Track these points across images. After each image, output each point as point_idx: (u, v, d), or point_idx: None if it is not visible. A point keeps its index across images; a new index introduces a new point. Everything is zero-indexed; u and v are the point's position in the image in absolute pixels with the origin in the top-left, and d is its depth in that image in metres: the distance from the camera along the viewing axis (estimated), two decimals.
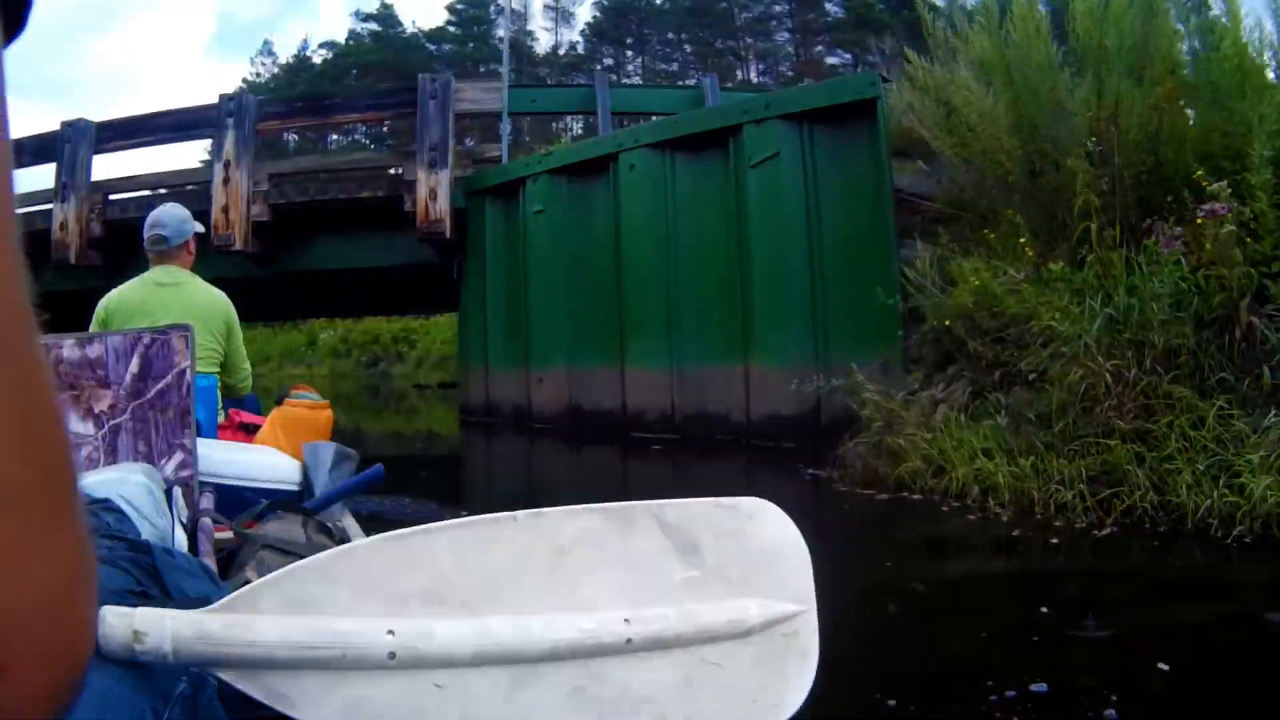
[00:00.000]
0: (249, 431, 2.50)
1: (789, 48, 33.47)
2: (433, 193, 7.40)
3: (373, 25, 40.40)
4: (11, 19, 0.23)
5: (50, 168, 8.53)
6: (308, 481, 2.03)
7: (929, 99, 5.61)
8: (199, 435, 1.85)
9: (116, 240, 8.27)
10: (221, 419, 2.57)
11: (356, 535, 1.83)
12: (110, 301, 2.53)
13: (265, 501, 1.75)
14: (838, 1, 32.16)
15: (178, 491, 1.65)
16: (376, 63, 33.99)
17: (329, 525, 1.78)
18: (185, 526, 1.54)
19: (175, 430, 1.75)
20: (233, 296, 2.74)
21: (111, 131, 8.81)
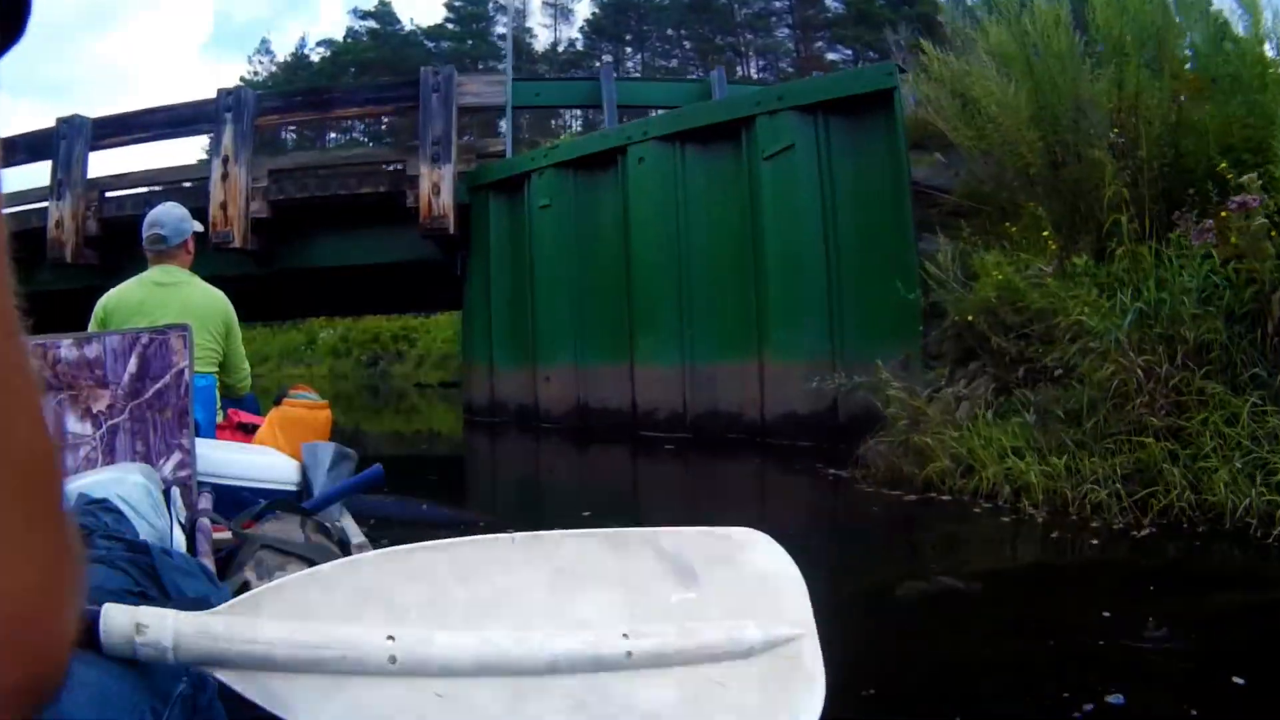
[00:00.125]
0: (248, 431, 2.49)
1: (789, 44, 33.37)
2: (436, 188, 7.26)
3: (371, 23, 40.30)
4: (8, 30, 0.24)
5: (46, 165, 8.39)
6: (306, 482, 2.02)
7: (945, 90, 5.51)
8: (197, 435, 1.85)
9: (113, 238, 8.13)
10: (220, 419, 2.56)
11: (355, 536, 1.83)
12: (109, 301, 2.52)
13: (264, 502, 1.74)
14: None
15: (176, 492, 1.66)
16: (375, 60, 33.84)
17: (327, 525, 1.76)
18: (183, 527, 1.54)
19: (173, 430, 1.76)
20: (231, 295, 2.72)
21: (108, 128, 8.66)
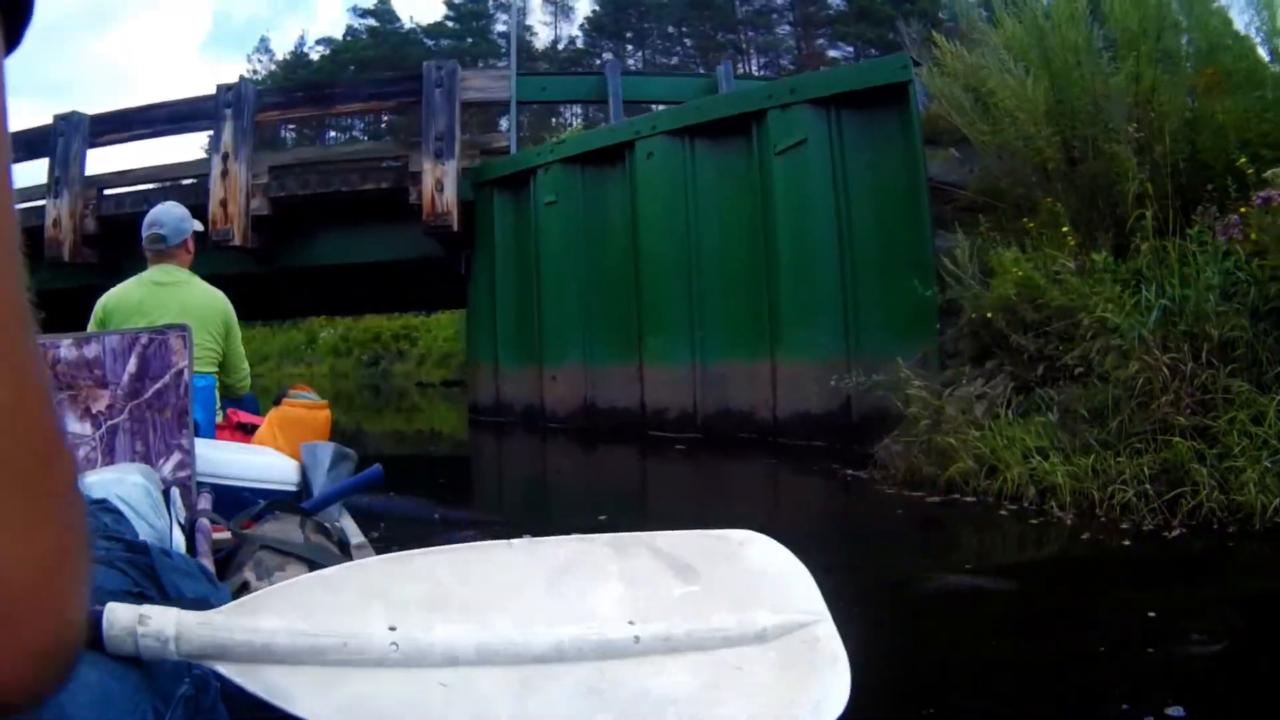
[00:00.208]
0: (247, 431, 2.48)
1: (790, 41, 33.25)
2: (439, 184, 7.15)
3: (370, 21, 40.17)
4: (11, 31, 0.24)
5: (43, 163, 8.28)
6: (306, 482, 2.02)
7: (958, 85, 5.43)
8: (197, 435, 1.85)
9: (111, 237, 8.03)
10: (219, 419, 2.56)
11: (355, 536, 1.82)
12: (108, 301, 2.52)
13: (263, 502, 1.73)
14: None
15: (175, 492, 1.65)
16: (374, 59, 33.67)
17: (327, 526, 1.75)
18: (183, 527, 1.54)
19: (173, 430, 1.76)
20: (231, 294, 2.70)
21: (106, 125, 8.55)
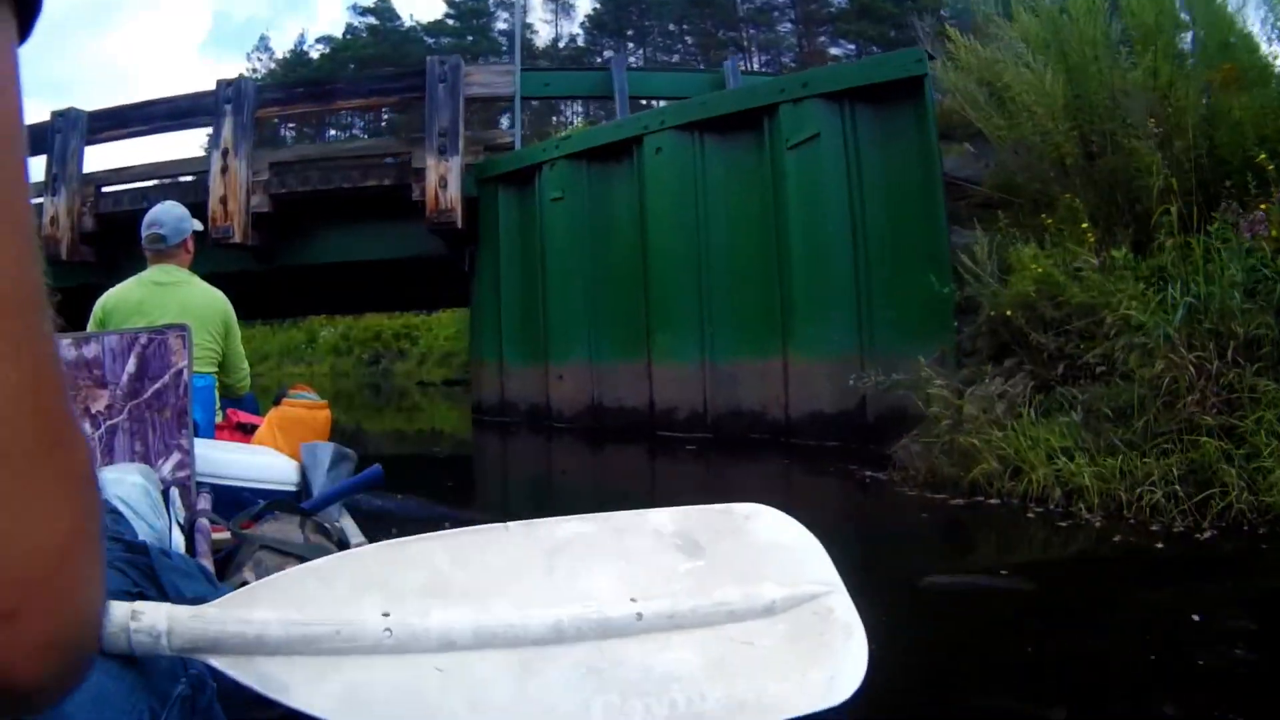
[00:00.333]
0: (247, 432, 2.48)
1: (792, 39, 33.12)
2: (443, 180, 7.04)
3: (370, 19, 40.05)
4: (22, 21, 0.25)
5: (40, 160, 8.18)
6: (305, 482, 2.01)
7: (972, 79, 5.34)
8: (196, 435, 1.85)
9: (110, 234, 7.92)
10: (219, 419, 2.56)
11: (355, 536, 1.79)
12: (107, 301, 2.51)
13: (263, 502, 1.72)
14: None
15: (175, 492, 1.65)
16: (374, 57, 33.53)
17: (326, 526, 1.74)
18: (182, 527, 1.53)
19: (172, 430, 1.75)
20: (231, 292, 2.69)
21: (104, 121, 8.44)
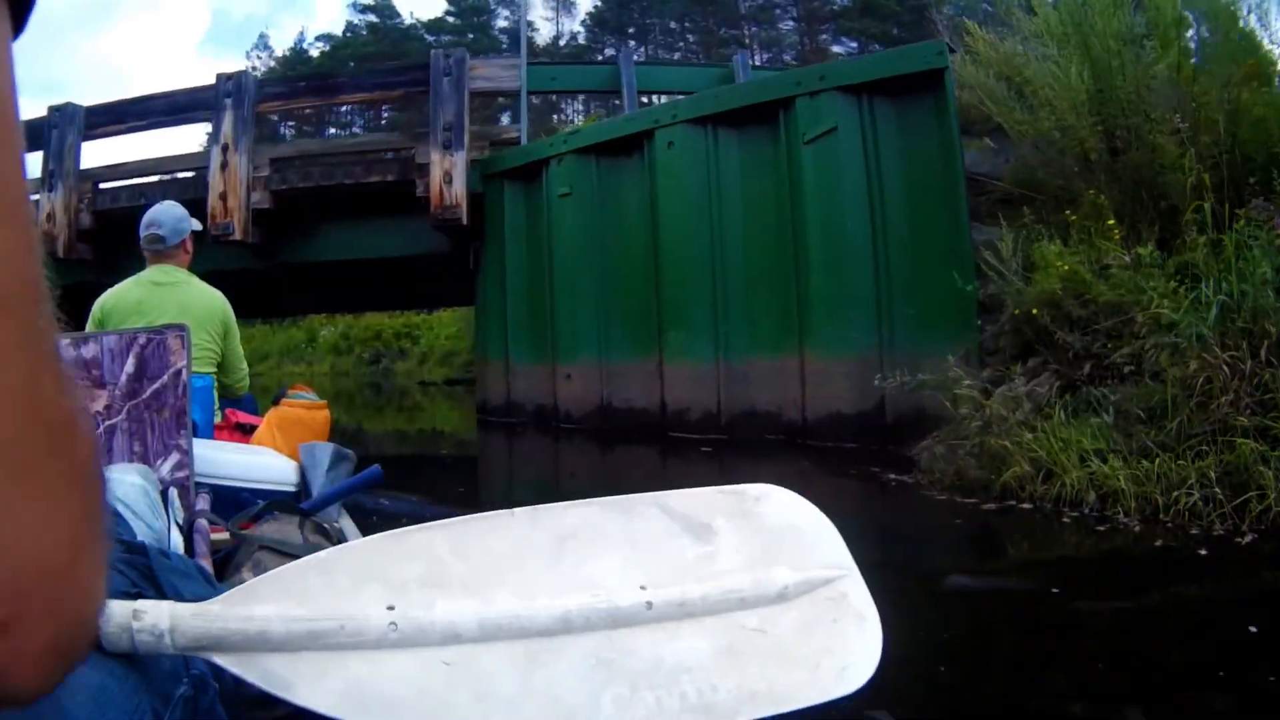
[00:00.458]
0: (246, 432, 2.48)
1: (794, 36, 33.00)
2: (448, 176, 6.91)
3: (370, 17, 39.96)
4: (15, 15, 0.25)
5: (36, 156, 8.05)
6: (305, 482, 2.00)
7: (991, 73, 5.24)
8: (195, 436, 1.86)
9: (107, 232, 7.80)
10: (218, 419, 2.56)
11: (354, 536, 1.78)
12: (106, 301, 2.52)
13: (262, 502, 1.71)
14: None
15: (174, 492, 1.65)
16: (374, 54, 33.43)
17: (326, 526, 1.73)
18: (181, 528, 1.53)
19: (171, 431, 1.75)
20: (231, 291, 2.69)
21: (102, 116, 8.30)
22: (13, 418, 0.22)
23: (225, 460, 1.97)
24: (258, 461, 2.06)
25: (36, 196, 7.88)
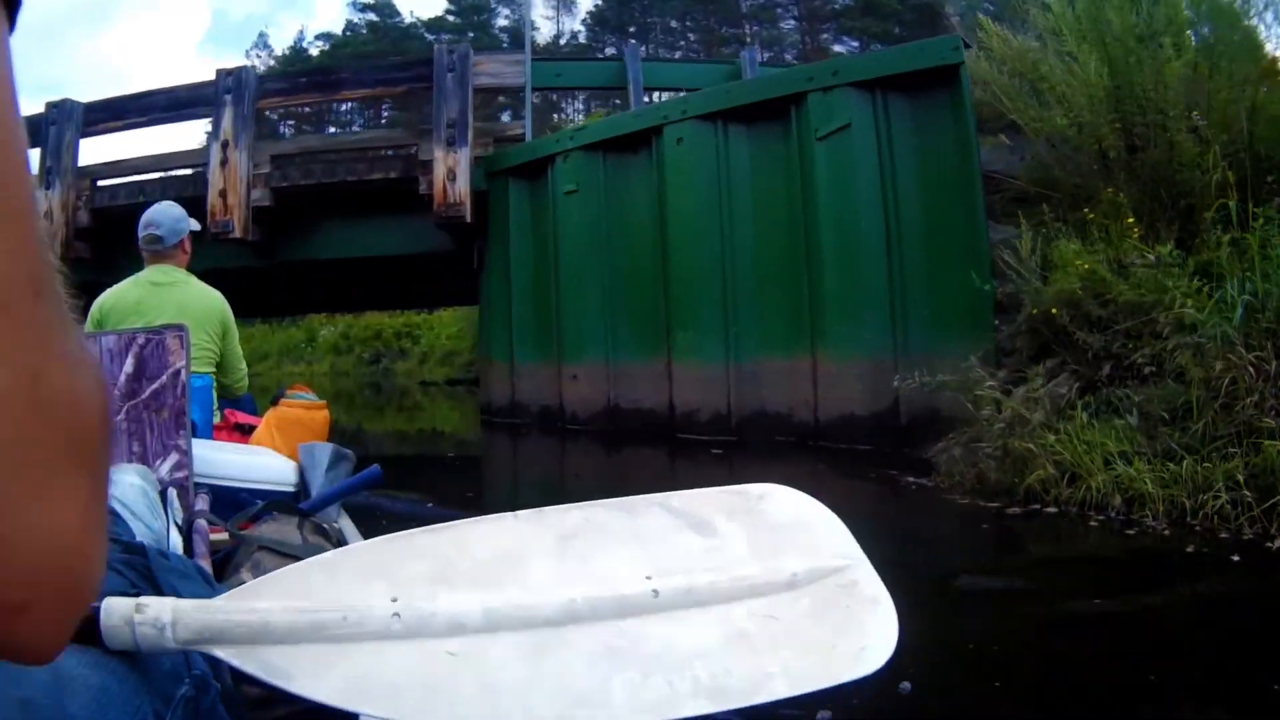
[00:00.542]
0: (245, 432, 2.49)
1: (795, 35, 32.94)
2: (451, 173, 6.82)
3: (370, 15, 39.89)
4: (8, 8, 0.24)
5: (34, 153, 7.94)
6: (304, 482, 2.00)
7: (1006, 70, 5.17)
8: (194, 436, 1.85)
9: (105, 230, 7.70)
10: (217, 419, 2.57)
11: (353, 536, 1.78)
12: (105, 301, 2.53)
13: (261, 503, 1.70)
14: None
15: (172, 493, 1.66)
16: (374, 53, 33.33)
17: (325, 526, 1.73)
18: (180, 528, 1.53)
19: (170, 431, 1.76)
20: (231, 289, 2.68)
21: (100, 113, 8.20)
22: (18, 417, 0.23)
23: (224, 460, 1.97)
24: (257, 462, 2.07)
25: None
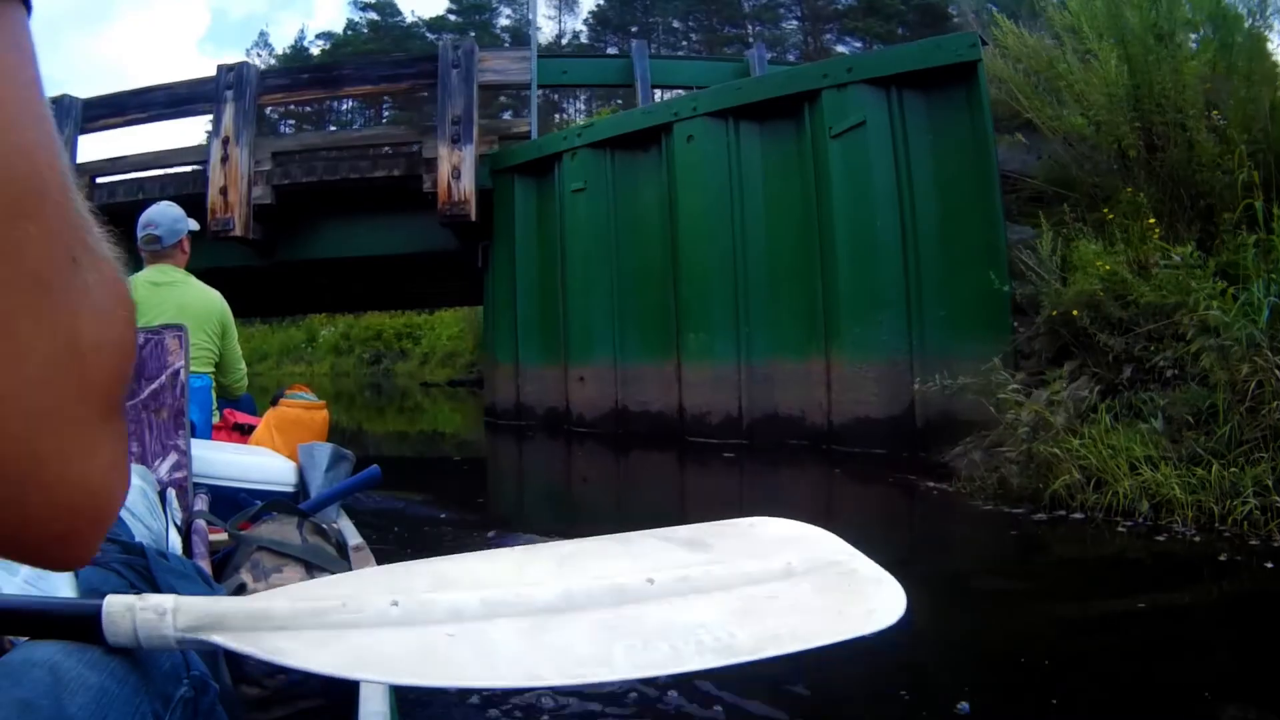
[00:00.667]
0: (244, 432, 2.49)
1: (798, 36, 32.85)
2: (456, 170, 6.72)
3: (371, 15, 39.78)
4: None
5: None
6: (303, 482, 2.00)
7: (1021, 68, 5.09)
8: (193, 436, 1.85)
9: (104, 227, 7.58)
10: (216, 419, 2.57)
11: (353, 537, 1.79)
12: None
13: (260, 503, 1.69)
14: None
15: (172, 493, 1.65)
16: (375, 52, 33.23)
17: (325, 527, 1.70)
18: (179, 528, 1.53)
19: (169, 431, 1.75)
20: (232, 289, 2.68)
21: (100, 109, 8.09)
22: (60, 384, 0.25)
23: (223, 461, 1.97)
24: (256, 462, 2.06)
25: None
